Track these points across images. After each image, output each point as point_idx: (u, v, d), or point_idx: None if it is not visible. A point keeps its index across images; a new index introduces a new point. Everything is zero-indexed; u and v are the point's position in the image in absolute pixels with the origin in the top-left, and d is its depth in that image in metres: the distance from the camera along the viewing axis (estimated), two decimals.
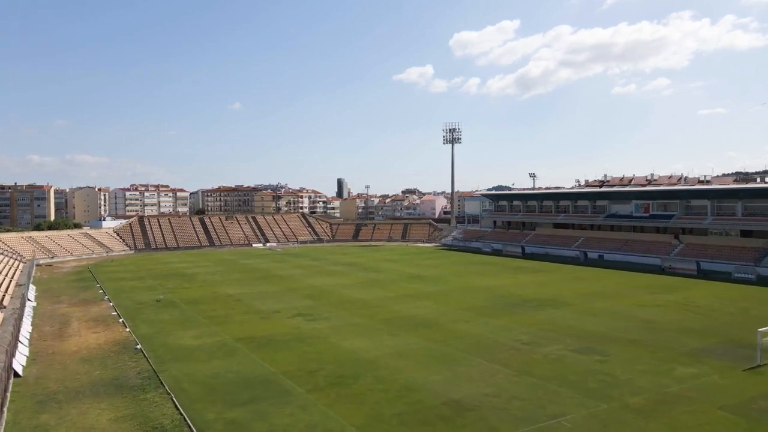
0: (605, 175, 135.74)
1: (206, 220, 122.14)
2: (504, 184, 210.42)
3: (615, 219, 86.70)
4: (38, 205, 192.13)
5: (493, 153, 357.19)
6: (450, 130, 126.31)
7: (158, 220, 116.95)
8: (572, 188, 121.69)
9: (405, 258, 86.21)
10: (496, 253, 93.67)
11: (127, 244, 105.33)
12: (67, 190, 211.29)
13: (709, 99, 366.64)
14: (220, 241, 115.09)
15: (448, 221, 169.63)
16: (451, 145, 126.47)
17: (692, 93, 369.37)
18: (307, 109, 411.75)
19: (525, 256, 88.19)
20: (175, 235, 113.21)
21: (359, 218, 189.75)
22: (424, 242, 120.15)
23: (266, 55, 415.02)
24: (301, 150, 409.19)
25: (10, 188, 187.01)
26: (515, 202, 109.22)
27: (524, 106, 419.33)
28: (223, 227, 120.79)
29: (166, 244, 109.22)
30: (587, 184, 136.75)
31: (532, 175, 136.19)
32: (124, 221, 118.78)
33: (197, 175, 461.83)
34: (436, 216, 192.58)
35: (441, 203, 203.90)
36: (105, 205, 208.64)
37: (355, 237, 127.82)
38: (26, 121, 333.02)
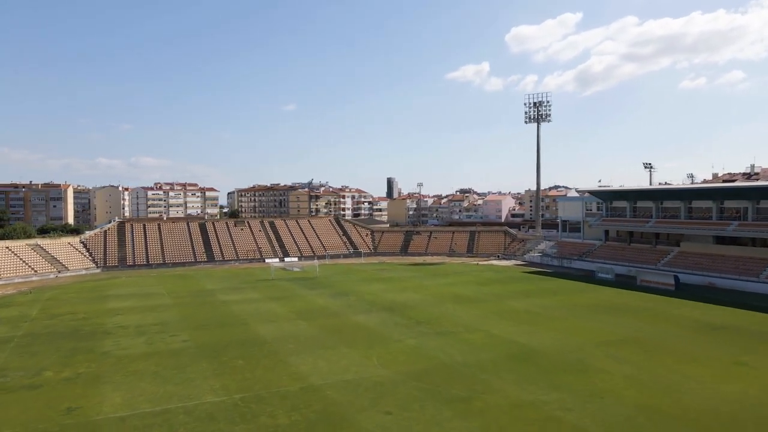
0: (752, 166, 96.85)
1: (208, 226, 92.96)
2: (562, 185, 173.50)
3: None
4: (54, 206, 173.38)
5: (552, 152, 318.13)
6: (534, 104, 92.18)
7: (144, 226, 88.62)
8: (760, 179, 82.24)
9: (483, 292, 53.35)
10: (625, 283, 59.11)
11: (94, 260, 77.53)
12: (90, 189, 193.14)
13: None
14: (222, 254, 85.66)
15: (519, 226, 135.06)
16: (536, 124, 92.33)
17: None
18: (360, 109, 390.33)
19: (680, 289, 53.60)
20: (162, 246, 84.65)
21: (410, 223, 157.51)
22: (499, 258, 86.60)
23: (321, 56, 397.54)
24: (351, 150, 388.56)
25: (24, 187, 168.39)
26: (640, 203, 73.97)
27: (585, 103, 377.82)
28: (230, 236, 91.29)
29: (147, 260, 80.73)
30: (715, 179, 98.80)
31: (648, 166, 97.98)
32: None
33: (248, 177, 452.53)
34: (503, 219, 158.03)
35: (508, 204, 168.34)
36: (129, 206, 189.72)
37: (404, 250, 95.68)
38: (94, 126, 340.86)
